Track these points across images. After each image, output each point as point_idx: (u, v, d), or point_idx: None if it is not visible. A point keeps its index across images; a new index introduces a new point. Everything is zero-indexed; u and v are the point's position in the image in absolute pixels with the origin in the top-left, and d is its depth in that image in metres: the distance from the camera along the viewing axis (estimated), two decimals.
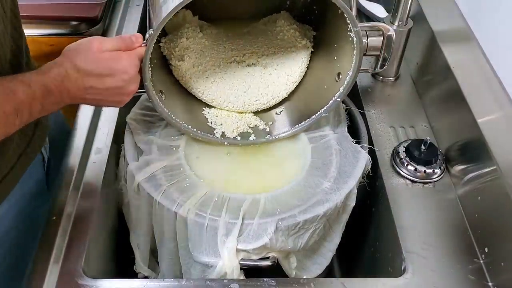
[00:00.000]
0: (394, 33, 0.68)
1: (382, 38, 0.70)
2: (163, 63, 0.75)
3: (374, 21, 1.01)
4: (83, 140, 0.77)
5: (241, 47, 0.78)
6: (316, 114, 0.73)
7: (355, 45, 0.65)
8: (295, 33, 0.76)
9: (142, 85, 0.65)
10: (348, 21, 0.63)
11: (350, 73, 0.68)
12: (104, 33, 0.99)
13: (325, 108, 0.72)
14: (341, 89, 0.70)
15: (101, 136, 0.78)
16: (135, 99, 0.71)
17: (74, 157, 0.74)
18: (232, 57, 0.76)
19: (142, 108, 0.77)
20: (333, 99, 0.71)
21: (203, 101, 0.76)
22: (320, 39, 0.76)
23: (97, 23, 0.99)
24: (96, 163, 0.73)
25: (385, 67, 0.73)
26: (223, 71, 0.75)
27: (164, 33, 0.78)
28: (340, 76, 0.70)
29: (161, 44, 0.75)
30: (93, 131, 0.78)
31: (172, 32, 0.77)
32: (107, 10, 1.03)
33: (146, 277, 0.73)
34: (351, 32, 0.64)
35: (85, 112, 0.81)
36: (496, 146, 0.64)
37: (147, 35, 0.61)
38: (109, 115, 0.81)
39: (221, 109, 0.76)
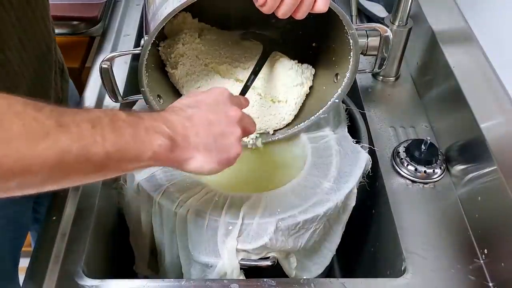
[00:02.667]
0: (391, 34, 0.68)
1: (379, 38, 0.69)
2: (161, 66, 0.75)
3: (374, 21, 1.01)
4: None
5: (236, 57, 0.77)
6: (315, 115, 0.72)
7: (351, 47, 0.65)
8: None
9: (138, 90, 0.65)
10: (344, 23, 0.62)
11: (347, 75, 0.68)
12: (104, 33, 0.99)
13: (323, 109, 0.72)
14: (339, 90, 0.70)
15: None
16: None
17: None
18: (225, 65, 0.76)
19: (142, 108, 0.77)
20: (331, 100, 0.71)
21: None
22: (318, 40, 0.76)
23: (97, 23, 0.99)
24: None
25: (383, 68, 0.73)
26: (214, 85, 0.74)
27: (164, 36, 0.77)
28: (338, 77, 0.70)
29: (159, 49, 0.75)
30: None
31: (171, 36, 0.77)
32: (107, 10, 1.03)
33: (146, 277, 0.73)
34: (347, 34, 0.64)
35: None
36: (496, 146, 0.64)
37: (142, 42, 0.61)
38: None
39: None
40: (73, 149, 0.40)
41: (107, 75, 0.63)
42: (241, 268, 0.62)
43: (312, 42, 0.76)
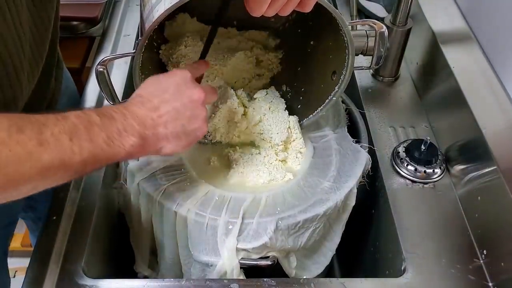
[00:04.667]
0: (386, 30, 0.68)
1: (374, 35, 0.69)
2: (158, 68, 0.75)
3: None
4: None
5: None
6: (314, 113, 0.73)
7: (347, 44, 0.65)
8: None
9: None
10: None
11: (344, 72, 0.68)
12: (104, 33, 0.99)
13: (321, 107, 0.72)
14: (336, 88, 0.70)
15: None
16: None
17: None
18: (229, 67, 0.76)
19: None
20: (329, 97, 0.71)
21: None
22: (316, 38, 0.76)
23: (97, 23, 1.00)
24: None
25: (380, 64, 0.72)
26: (215, 85, 0.74)
27: (165, 40, 0.77)
28: (336, 75, 0.70)
29: (160, 51, 0.75)
30: None
31: (172, 39, 0.77)
32: (107, 10, 1.03)
33: (146, 277, 0.73)
34: (342, 31, 0.64)
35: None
36: (496, 146, 0.64)
37: (136, 44, 0.61)
38: None
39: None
40: (54, 164, 0.45)
41: (103, 78, 0.63)
42: (241, 268, 0.62)
43: (309, 40, 0.76)
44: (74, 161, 0.46)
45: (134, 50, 0.61)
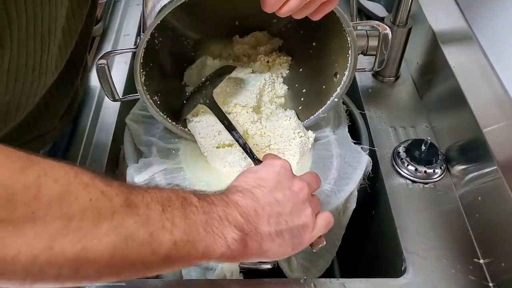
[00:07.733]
0: (390, 32, 0.68)
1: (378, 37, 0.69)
2: (159, 66, 0.75)
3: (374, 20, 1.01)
4: (83, 140, 0.77)
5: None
6: (315, 115, 0.72)
7: (349, 45, 0.65)
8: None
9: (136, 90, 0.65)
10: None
11: (346, 73, 0.68)
12: (104, 32, 0.99)
13: (323, 108, 0.72)
14: (338, 89, 0.70)
15: (100, 136, 0.78)
16: (134, 100, 0.71)
17: (73, 158, 0.74)
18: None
19: (141, 109, 0.76)
20: (331, 99, 0.71)
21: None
22: (318, 39, 0.76)
23: (97, 23, 0.99)
24: (96, 163, 0.73)
25: (382, 66, 0.73)
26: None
27: (163, 38, 0.77)
28: (338, 76, 0.70)
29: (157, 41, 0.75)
30: (93, 131, 0.78)
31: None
32: (107, 10, 1.03)
33: (146, 278, 0.73)
34: (346, 31, 0.64)
35: (85, 112, 0.81)
36: (496, 146, 0.64)
37: (138, 40, 0.61)
38: (109, 115, 0.81)
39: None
40: (139, 236, 0.35)
41: (103, 73, 0.62)
42: (240, 271, 0.62)
43: (312, 41, 0.76)
44: (164, 240, 0.36)
45: (136, 46, 0.61)
